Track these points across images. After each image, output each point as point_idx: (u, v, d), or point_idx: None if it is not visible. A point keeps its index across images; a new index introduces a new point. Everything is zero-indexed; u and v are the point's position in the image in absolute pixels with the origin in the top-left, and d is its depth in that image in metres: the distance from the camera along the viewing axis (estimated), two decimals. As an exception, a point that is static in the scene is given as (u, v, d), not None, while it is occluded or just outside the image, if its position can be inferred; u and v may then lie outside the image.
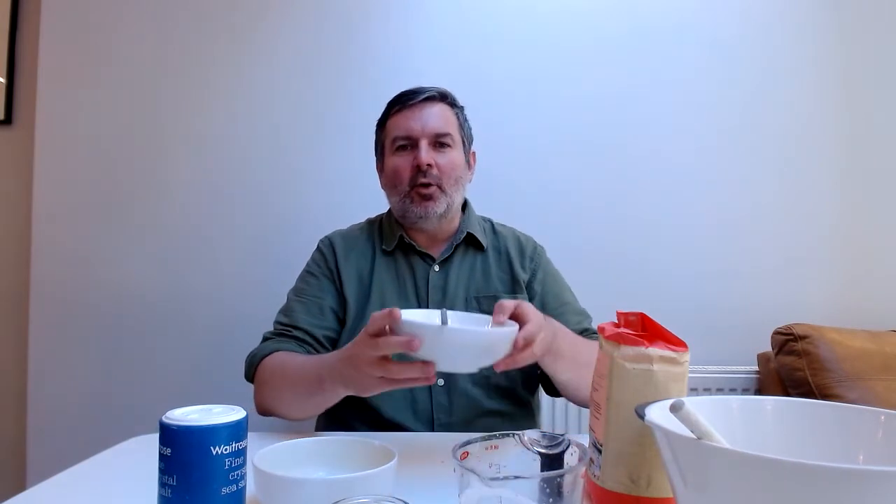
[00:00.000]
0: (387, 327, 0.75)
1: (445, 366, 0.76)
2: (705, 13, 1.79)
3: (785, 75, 1.79)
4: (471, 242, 1.18)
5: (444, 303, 1.11)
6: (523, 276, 1.17)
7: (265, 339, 1.10)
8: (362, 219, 1.28)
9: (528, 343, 0.76)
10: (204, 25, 1.77)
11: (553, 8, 1.78)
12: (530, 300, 1.14)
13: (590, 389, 0.68)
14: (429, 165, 1.10)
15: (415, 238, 1.17)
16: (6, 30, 1.81)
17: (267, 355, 1.03)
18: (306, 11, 1.77)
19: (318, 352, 1.08)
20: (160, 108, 1.76)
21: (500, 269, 1.17)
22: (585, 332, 1.13)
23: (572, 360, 0.92)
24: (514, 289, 1.15)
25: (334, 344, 1.11)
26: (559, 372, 0.94)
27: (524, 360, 0.78)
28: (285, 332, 1.09)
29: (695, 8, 1.79)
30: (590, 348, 0.85)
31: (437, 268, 1.15)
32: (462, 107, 1.21)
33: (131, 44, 1.76)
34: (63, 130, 1.75)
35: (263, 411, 1.02)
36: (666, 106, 1.78)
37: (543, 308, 1.14)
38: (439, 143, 1.13)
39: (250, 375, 1.05)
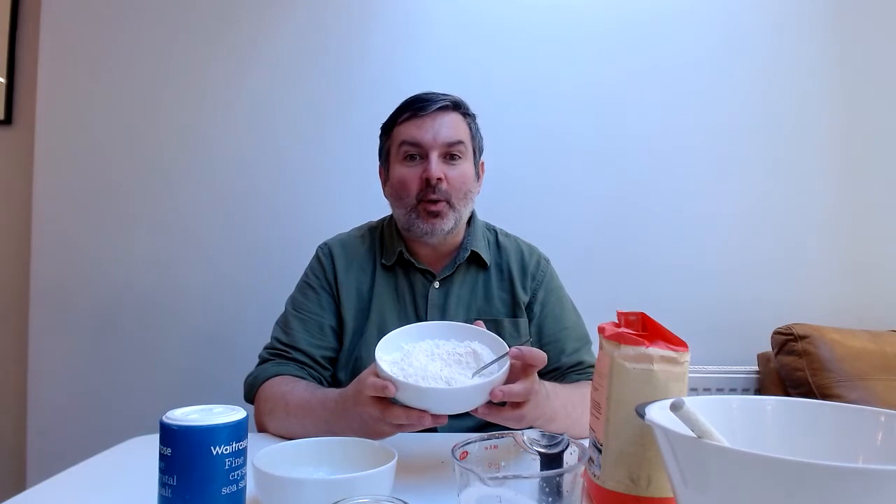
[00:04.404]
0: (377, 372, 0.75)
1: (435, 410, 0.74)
2: (707, 13, 1.79)
3: (786, 75, 1.79)
4: (473, 259, 1.13)
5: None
6: (524, 298, 1.12)
7: (263, 359, 1.08)
8: (362, 221, 1.24)
9: (512, 400, 0.74)
10: (204, 26, 1.77)
11: (553, 8, 1.78)
12: (528, 322, 1.12)
13: (581, 431, 0.67)
14: (438, 179, 1.05)
15: (416, 251, 1.13)
16: (6, 30, 1.81)
17: (267, 379, 1.01)
18: (307, 13, 1.77)
19: (317, 372, 1.07)
20: (160, 109, 1.76)
21: (501, 289, 1.13)
22: (579, 367, 1.10)
23: (566, 416, 0.88)
24: (514, 311, 1.12)
25: (333, 363, 1.10)
26: (552, 430, 0.93)
27: (510, 423, 0.76)
28: (284, 353, 1.06)
29: (697, 8, 1.79)
30: (583, 397, 0.81)
31: (437, 284, 1.11)
32: (475, 115, 1.15)
33: (131, 44, 1.76)
34: (63, 130, 1.75)
35: (262, 431, 1.00)
36: (667, 106, 1.78)
37: (540, 332, 1.12)
38: (450, 154, 1.07)
39: (250, 398, 1.04)
